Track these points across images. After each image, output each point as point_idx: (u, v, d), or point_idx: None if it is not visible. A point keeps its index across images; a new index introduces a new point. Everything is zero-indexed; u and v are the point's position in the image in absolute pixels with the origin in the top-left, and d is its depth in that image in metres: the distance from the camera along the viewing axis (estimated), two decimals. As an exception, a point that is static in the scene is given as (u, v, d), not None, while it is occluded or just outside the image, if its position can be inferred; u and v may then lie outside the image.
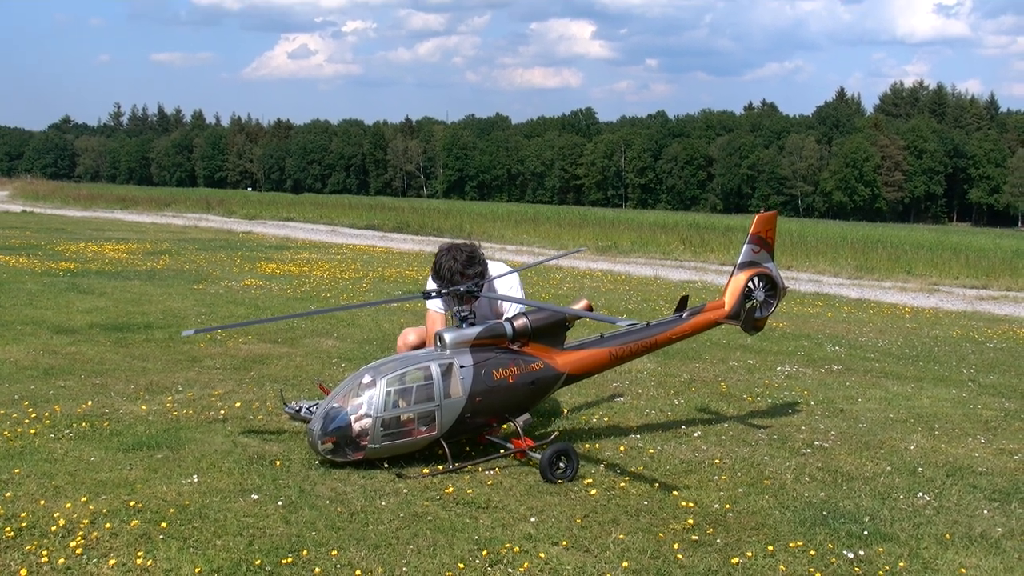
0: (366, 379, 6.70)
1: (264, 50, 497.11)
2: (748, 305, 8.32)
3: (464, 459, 6.95)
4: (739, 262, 8.42)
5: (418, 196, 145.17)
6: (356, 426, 6.58)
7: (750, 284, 8.33)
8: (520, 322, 7.12)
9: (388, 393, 6.62)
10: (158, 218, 46.19)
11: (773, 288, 8.46)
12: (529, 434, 7.30)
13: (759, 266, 8.42)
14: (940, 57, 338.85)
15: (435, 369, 6.74)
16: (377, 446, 6.61)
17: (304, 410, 7.25)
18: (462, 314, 7.09)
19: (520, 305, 7.51)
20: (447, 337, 6.90)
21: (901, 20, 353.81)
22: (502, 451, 7.02)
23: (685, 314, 8.09)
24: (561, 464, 6.59)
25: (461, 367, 6.81)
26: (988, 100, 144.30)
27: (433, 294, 7.38)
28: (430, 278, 7.57)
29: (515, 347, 7.18)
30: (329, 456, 6.63)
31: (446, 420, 6.76)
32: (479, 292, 7.20)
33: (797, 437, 7.95)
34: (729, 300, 8.27)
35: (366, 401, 6.61)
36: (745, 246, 8.45)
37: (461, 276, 7.29)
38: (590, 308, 7.41)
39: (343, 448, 6.60)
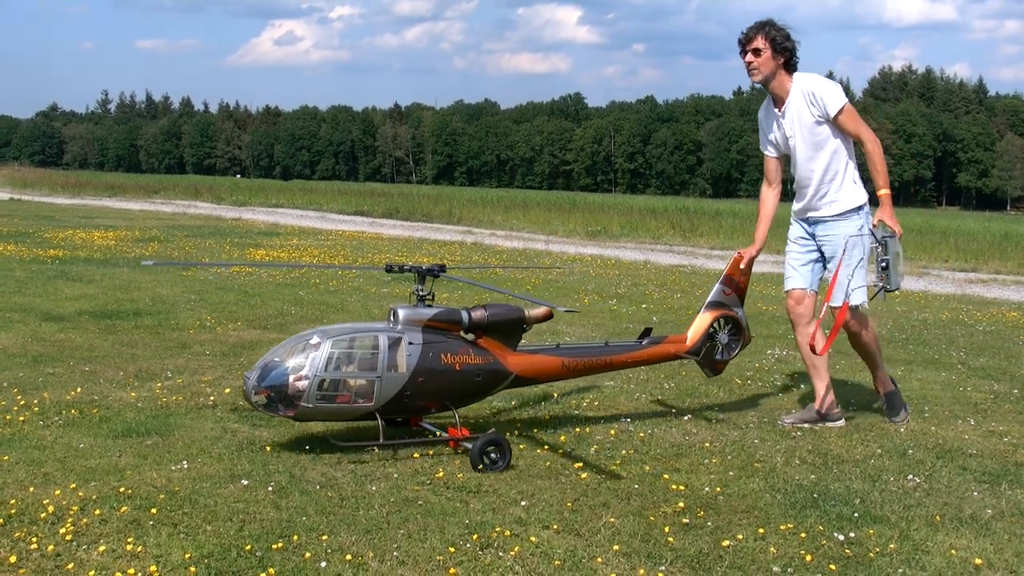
0: (313, 340, 6.61)
1: (250, 36, 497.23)
2: (709, 345, 8.16)
3: (397, 439, 6.85)
4: (708, 301, 8.22)
5: (407, 182, 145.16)
6: (293, 384, 6.47)
7: (715, 325, 8.12)
8: (478, 314, 7.04)
9: (331, 356, 6.54)
10: (147, 205, 46.06)
11: (738, 333, 8.25)
12: (466, 424, 7.19)
13: (727, 308, 8.20)
14: (927, 41, 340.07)
15: (383, 340, 6.65)
16: (310, 406, 6.50)
17: None
18: (420, 293, 7.02)
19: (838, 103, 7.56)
20: (401, 313, 6.83)
21: (888, 4, 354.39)
22: (430, 436, 6.93)
23: (645, 342, 7.96)
24: (493, 455, 6.47)
25: (410, 343, 6.71)
26: (976, 84, 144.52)
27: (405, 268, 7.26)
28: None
29: (468, 337, 7.11)
30: (261, 410, 6.57)
31: (384, 394, 6.64)
32: (439, 272, 7.11)
33: (787, 420, 7.95)
34: (692, 336, 8.07)
35: (308, 361, 6.52)
36: (716, 285, 8.26)
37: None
38: (550, 314, 7.40)
39: (276, 404, 6.50)
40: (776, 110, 7.87)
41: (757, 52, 7.62)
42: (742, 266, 8.17)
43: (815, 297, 8.05)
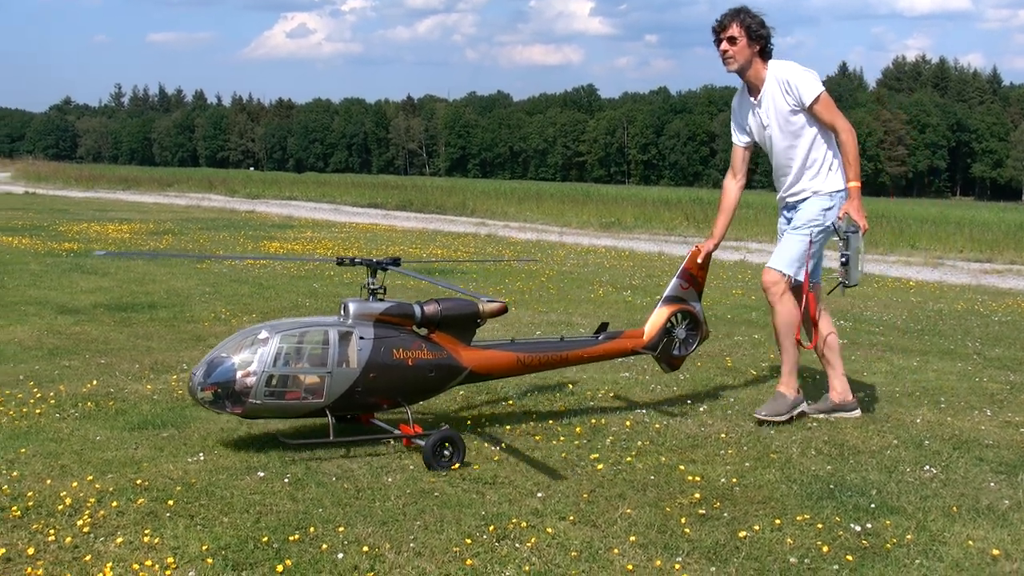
0: (262, 335, 6.48)
1: (263, 29, 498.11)
2: (666, 340, 8.06)
3: (347, 435, 6.77)
4: (664, 295, 8.14)
5: (421, 174, 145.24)
6: (240, 380, 6.34)
7: (672, 320, 8.04)
8: (431, 308, 6.91)
9: (280, 351, 6.40)
10: (161, 198, 46.17)
11: (695, 328, 8.16)
12: (419, 422, 7.09)
13: (684, 303, 8.11)
14: (941, 30, 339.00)
15: (333, 335, 6.52)
16: (258, 402, 6.36)
17: None
18: (372, 287, 6.91)
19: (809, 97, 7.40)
20: (352, 307, 6.69)
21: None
22: (378, 432, 6.84)
23: (601, 337, 7.87)
24: (446, 452, 6.36)
25: (360, 338, 6.58)
26: (991, 74, 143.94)
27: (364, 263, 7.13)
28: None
29: (421, 332, 7.00)
30: (207, 406, 6.46)
31: (335, 390, 6.51)
32: (389, 266, 6.97)
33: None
34: (649, 332, 7.98)
35: (256, 356, 6.37)
36: (674, 280, 8.16)
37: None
38: (505, 309, 7.28)
39: (223, 400, 6.36)
40: (751, 99, 7.75)
41: (732, 40, 7.47)
42: (699, 260, 8.08)
43: (819, 287, 8.01)
